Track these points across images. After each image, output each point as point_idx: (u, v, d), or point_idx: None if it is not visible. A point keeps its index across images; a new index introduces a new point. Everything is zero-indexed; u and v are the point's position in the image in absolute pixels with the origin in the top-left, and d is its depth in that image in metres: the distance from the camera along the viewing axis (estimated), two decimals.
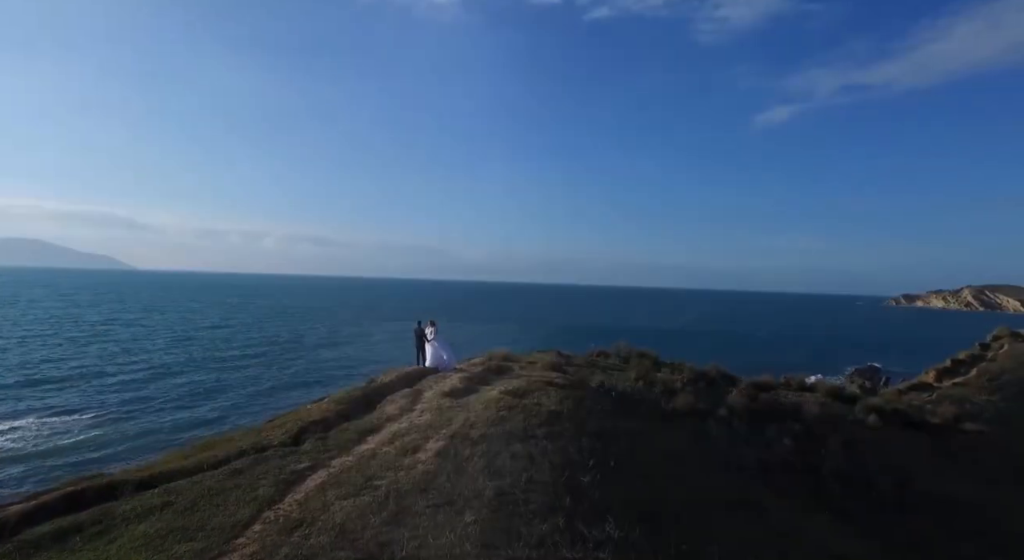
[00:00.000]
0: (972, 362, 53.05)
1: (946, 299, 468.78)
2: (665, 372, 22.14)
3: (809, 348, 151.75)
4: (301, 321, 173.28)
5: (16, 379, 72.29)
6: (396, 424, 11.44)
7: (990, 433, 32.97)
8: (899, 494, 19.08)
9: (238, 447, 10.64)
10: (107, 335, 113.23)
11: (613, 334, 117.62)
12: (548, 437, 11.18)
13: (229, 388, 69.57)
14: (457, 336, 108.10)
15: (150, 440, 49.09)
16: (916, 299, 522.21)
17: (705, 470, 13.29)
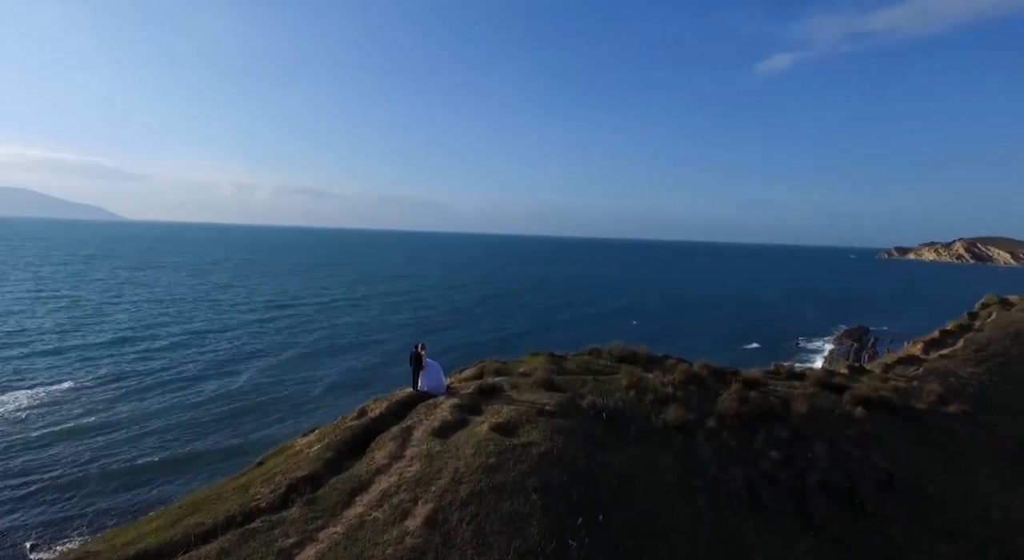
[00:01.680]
0: (960, 332, 53.71)
1: (938, 252, 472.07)
2: (656, 375, 22.22)
3: (803, 307, 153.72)
4: (311, 280, 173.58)
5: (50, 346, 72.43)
6: (385, 478, 11.45)
7: (972, 413, 33.62)
8: (880, 500, 19.57)
9: (225, 511, 10.65)
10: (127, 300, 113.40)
11: (620, 291, 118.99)
12: (537, 490, 11.25)
13: (256, 358, 69.92)
14: (469, 302, 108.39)
15: (186, 418, 49.71)
16: (908, 252, 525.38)
17: (691, 502, 13.50)
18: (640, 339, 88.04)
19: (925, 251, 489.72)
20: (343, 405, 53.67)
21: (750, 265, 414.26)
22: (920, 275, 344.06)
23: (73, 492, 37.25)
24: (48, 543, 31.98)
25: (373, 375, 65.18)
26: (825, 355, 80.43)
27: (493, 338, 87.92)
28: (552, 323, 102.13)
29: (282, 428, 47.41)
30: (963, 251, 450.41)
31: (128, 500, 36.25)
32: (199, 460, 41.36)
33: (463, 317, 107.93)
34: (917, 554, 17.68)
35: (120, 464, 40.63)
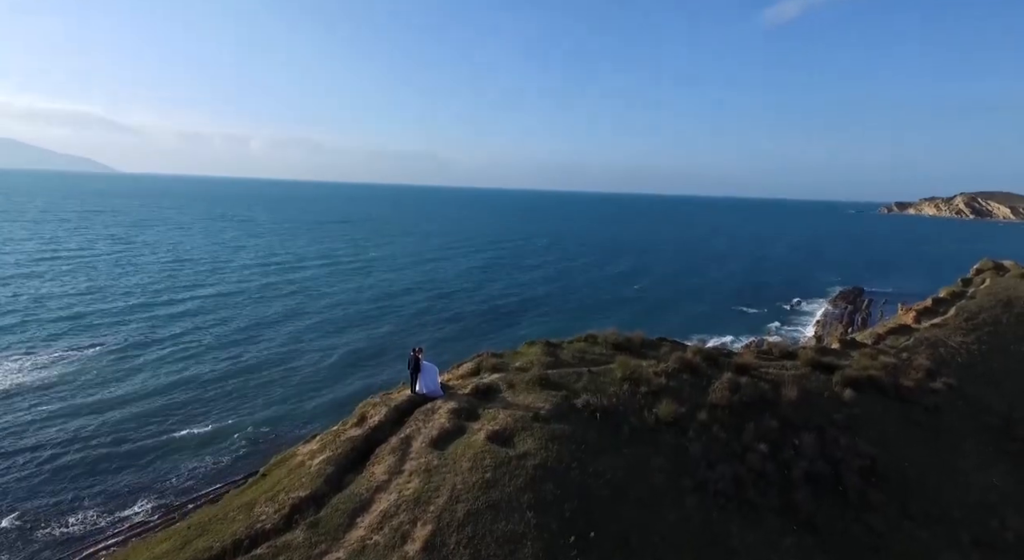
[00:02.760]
0: (952, 300, 54.22)
1: (938, 207, 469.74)
2: (650, 364, 22.63)
3: (800, 266, 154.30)
4: (317, 240, 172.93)
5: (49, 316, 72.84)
6: (385, 496, 11.89)
7: (958, 386, 34.37)
8: (863, 487, 20.33)
9: (232, 534, 11.12)
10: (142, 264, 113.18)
11: (622, 252, 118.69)
12: (532, 507, 11.73)
13: (270, 325, 70.06)
14: (477, 264, 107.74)
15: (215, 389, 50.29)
16: (908, 207, 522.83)
17: (680, 506, 14.08)
18: (642, 306, 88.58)
19: (925, 206, 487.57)
20: (357, 378, 54.18)
21: (750, 221, 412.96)
22: (918, 231, 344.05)
23: (77, 470, 38.32)
24: (48, 521, 33.15)
25: (386, 343, 64.79)
26: (819, 319, 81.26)
27: (503, 304, 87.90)
28: (557, 290, 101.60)
29: (295, 404, 47.71)
30: (963, 206, 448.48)
31: (132, 478, 37.34)
32: (210, 437, 42.20)
33: (473, 281, 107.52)
34: (895, 541, 18.53)
35: (130, 443, 41.57)
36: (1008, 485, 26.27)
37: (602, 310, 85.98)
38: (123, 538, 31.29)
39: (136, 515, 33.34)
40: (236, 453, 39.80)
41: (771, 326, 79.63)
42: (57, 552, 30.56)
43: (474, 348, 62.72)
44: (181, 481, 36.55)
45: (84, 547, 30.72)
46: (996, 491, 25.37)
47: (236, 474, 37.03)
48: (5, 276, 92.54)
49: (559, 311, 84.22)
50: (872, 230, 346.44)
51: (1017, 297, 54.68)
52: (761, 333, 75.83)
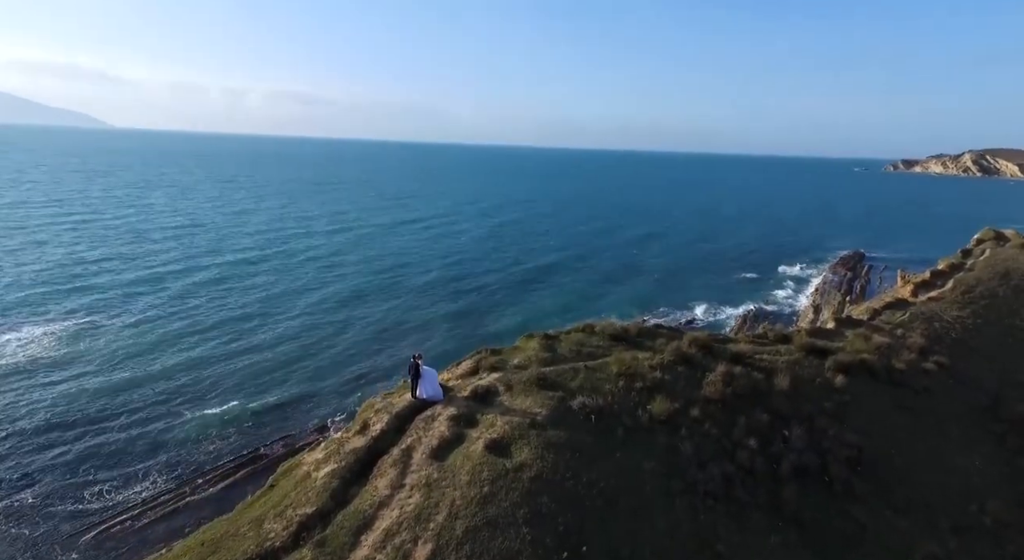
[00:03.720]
0: (951, 272, 54.53)
1: (945, 164, 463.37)
2: (646, 357, 23.11)
3: (802, 229, 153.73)
4: (324, 203, 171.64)
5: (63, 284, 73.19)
6: (387, 512, 12.49)
7: (950, 364, 35.02)
8: (849, 477, 21.09)
9: (244, 552, 11.76)
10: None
11: (627, 216, 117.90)
12: (527, 522, 12.34)
13: (286, 299, 70.19)
14: (487, 230, 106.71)
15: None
16: (915, 164, 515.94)
17: (670, 510, 14.77)
18: (643, 274, 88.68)
19: (932, 163, 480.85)
20: (367, 355, 54.16)
21: (755, 180, 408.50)
22: (923, 190, 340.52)
23: (89, 444, 39.44)
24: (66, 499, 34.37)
25: (398, 317, 64.10)
26: (817, 286, 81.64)
27: (515, 273, 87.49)
28: (568, 259, 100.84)
29: (302, 381, 48.04)
30: (971, 163, 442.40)
31: (143, 452, 38.46)
32: (219, 413, 43.07)
33: (483, 249, 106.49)
34: (876, 532, 19.38)
35: (139, 416, 42.57)
36: (990, 468, 27.11)
37: (607, 280, 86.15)
38: (137, 512, 32.61)
39: (148, 490, 34.62)
40: (244, 429, 40.89)
41: (771, 294, 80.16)
42: (75, 525, 31.90)
43: (484, 323, 63.39)
44: (190, 456, 37.74)
45: (100, 521, 32.05)
46: (978, 475, 26.22)
47: (244, 450, 38.22)
48: (11, 244, 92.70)
49: (568, 283, 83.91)
50: (876, 190, 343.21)
51: (1015, 268, 54.92)
52: (761, 301, 76.38)
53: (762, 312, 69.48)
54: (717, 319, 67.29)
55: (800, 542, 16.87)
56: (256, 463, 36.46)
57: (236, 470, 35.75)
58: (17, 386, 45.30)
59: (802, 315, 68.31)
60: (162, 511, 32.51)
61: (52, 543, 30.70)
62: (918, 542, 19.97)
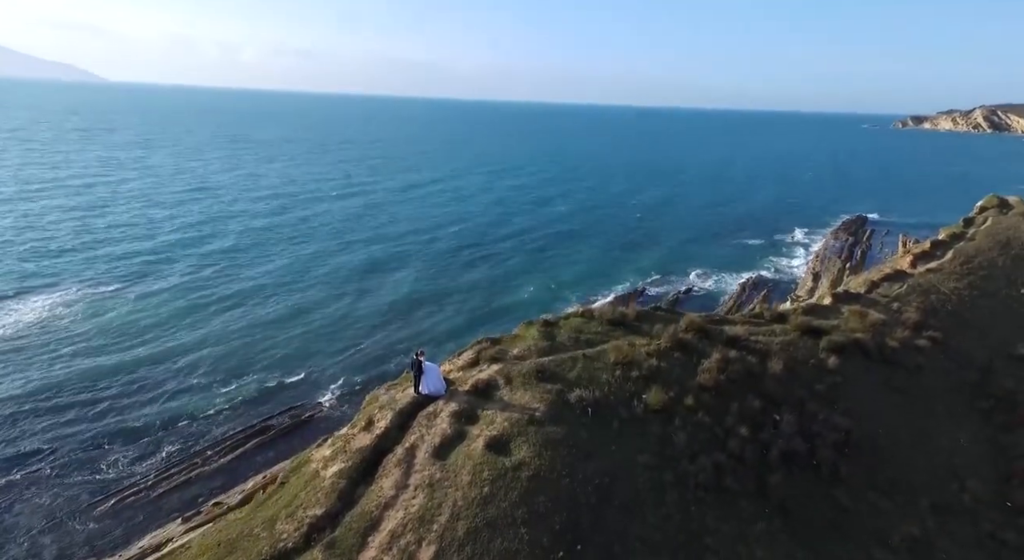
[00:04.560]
0: (951, 242, 54.73)
1: (955, 120, 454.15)
2: (643, 343, 23.63)
3: (806, 190, 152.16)
4: (330, 165, 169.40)
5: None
6: (393, 513, 13.22)
7: (943, 339, 35.67)
8: (836, 461, 21.93)
9: (259, 553, 12.53)
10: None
11: (632, 176, 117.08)
12: (525, 522, 13.09)
13: (301, 271, 69.80)
14: (497, 194, 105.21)
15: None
16: (924, 121, 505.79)
17: (661, 504, 15.57)
18: (645, 240, 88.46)
19: (942, 120, 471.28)
20: (378, 331, 54.05)
21: (760, 137, 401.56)
22: (931, 148, 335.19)
23: (102, 414, 40.59)
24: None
25: (410, 291, 64.10)
26: (818, 253, 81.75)
27: (527, 241, 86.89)
28: (573, 227, 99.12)
29: (310, 356, 48.44)
30: (981, 120, 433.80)
31: (155, 423, 39.60)
32: (230, 385, 43.89)
33: (493, 214, 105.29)
34: (858, 514, 20.33)
35: (151, 387, 43.58)
36: (974, 447, 28.03)
37: (611, 247, 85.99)
38: (151, 483, 33.95)
39: (161, 461, 35.91)
40: (252, 400, 42.04)
41: (772, 261, 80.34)
42: (93, 495, 33.29)
43: (493, 295, 63.48)
44: (201, 427, 38.97)
45: (117, 491, 33.42)
46: (961, 454, 27.14)
47: (252, 421, 39.39)
48: (23, 209, 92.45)
49: (574, 251, 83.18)
50: (884, 147, 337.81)
51: (1016, 238, 55.03)
52: (761, 268, 76.67)
53: (762, 280, 69.87)
54: (717, 288, 67.76)
55: (784, 528, 17.76)
56: (264, 434, 37.65)
57: (245, 441, 36.97)
58: (30, 357, 46.29)
59: (801, 283, 68.74)
60: (175, 481, 33.84)
61: (72, 512, 32.12)
62: (898, 523, 20.96)
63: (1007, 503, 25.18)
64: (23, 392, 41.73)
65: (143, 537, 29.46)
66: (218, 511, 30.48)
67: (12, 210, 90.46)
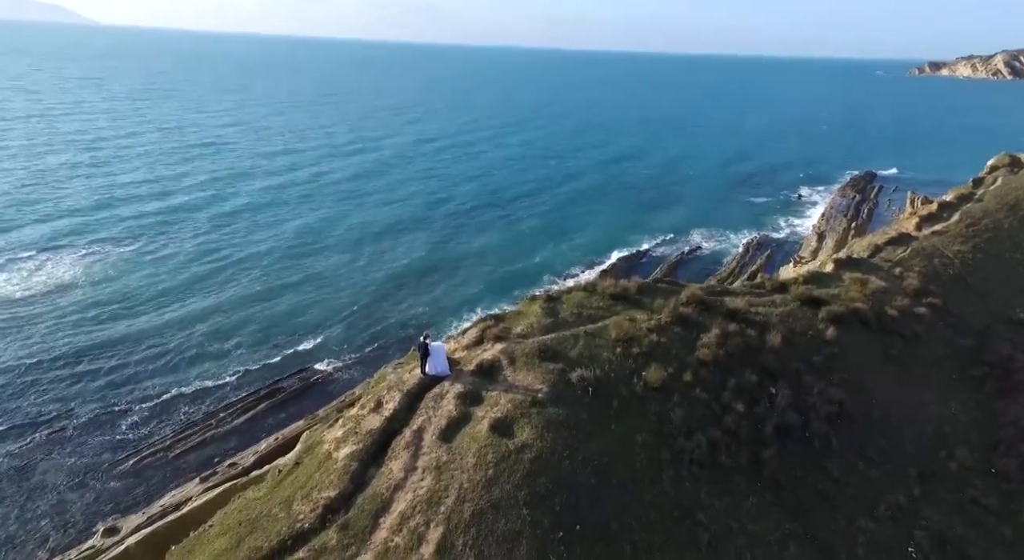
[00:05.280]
0: (959, 203, 54.44)
1: (975, 67, 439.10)
2: (644, 317, 24.06)
3: (816, 145, 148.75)
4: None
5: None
6: (402, 495, 13.98)
7: (943, 306, 36.08)
8: (828, 433, 22.68)
9: (277, 533, 13.35)
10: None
11: (641, 128, 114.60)
12: (527, 504, 13.86)
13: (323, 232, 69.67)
14: (507, 151, 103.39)
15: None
16: (942, 67, 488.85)
17: (657, 482, 16.36)
18: (650, 196, 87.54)
19: (961, 66, 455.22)
20: (391, 303, 53.99)
21: (775, 86, 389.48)
22: (948, 97, 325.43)
23: (119, 376, 41.72)
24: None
25: (426, 259, 63.64)
26: (824, 212, 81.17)
27: (543, 200, 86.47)
28: (586, 187, 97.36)
29: (323, 322, 48.98)
30: (1002, 66, 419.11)
31: (170, 386, 40.73)
32: (244, 348, 44.72)
33: (505, 173, 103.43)
34: (847, 485, 21.22)
35: (164, 350, 44.64)
36: (964, 415, 28.77)
37: (622, 206, 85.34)
38: (168, 443, 35.34)
39: (177, 422, 37.25)
40: (262, 363, 43.19)
41: (777, 220, 79.88)
42: (114, 455, 34.77)
43: (507, 259, 63.15)
44: (214, 389, 40.21)
45: (136, 451, 34.87)
46: (952, 422, 27.91)
47: (263, 383, 40.54)
48: (27, 165, 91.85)
49: (586, 213, 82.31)
50: (897, 97, 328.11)
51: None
52: (766, 227, 76.35)
53: (766, 240, 69.73)
54: (720, 248, 67.68)
55: (775, 501, 18.64)
56: (275, 396, 38.85)
57: (256, 403, 38.20)
58: (45, 319, 47.26)
59: (805, 244, 68.62)
60: (191, 442, 35.22)
61: (95, 471, 33.67)
62: (885, 492, 21.89)
63: (991, 469, 26.08)
64: (40, 354, 42.89)
65: (164, 495, 30.92)
66: (233, 472, 31.90)
67: (25, 166, 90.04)
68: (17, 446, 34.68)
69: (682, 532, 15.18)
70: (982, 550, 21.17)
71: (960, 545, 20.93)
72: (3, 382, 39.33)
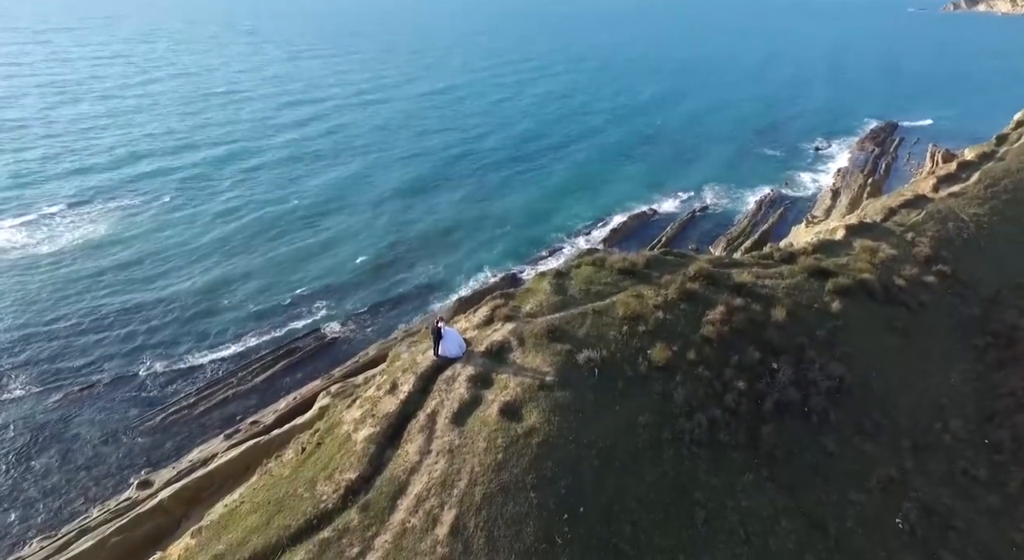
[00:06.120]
0: (980, 162, 53.47)
1: (1015, 2, 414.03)
2: (651, 292, 24.55)
3: (837, 90, 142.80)
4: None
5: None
6: (418, 478, 15.00)
7: (952, 273, 36.19)
8: (827, 409, 23.43)
9: (303, 513, 14.48)
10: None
11: (648, 73, 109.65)
12: (534, 487, 14.84)
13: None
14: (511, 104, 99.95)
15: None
16: (979, 2, 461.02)
17: (658, 462, 17.29)
18: (664, 151, 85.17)
19: (1000, 1, 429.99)
20: (408, 259, 54.19)
21: (798, 24, 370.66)
22: (984, 37, 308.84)
23: (139, 333, 43.16)
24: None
25: (451, 214, 63.57)
26: (840, 167, 79.49)
27: (559, 157, 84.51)
28: (608, 144, 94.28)
29: (338, 280, 49.69)
30: None
31: (190, 344, 42.14)
32: (260, 307, 45.80)
33: (526, 125, 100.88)
34: (841, 458, 22.12)
35: (182, 308, 45.86)
36: (963, 386, 29.34)
37: (627, 158, 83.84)
38: (192, 401, 37.02)
39: (200, 379, 38.89)
40: (279, 323, 44.52)
41: (792, 175, 78.34)
42: (141, 411, 36.57)
43: (525, 223, 62.30)
44: (234, 348, 41.74)
45: (162, 408, 36.63)
46: (950, 393, 28.53)
47: (280, 343, 41.91)
48: (47, 116, 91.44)
49: (604, 168, 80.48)
50: (929, 37, 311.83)
51: None
52: (781, 183, 75.17)
53: (780, 197, 68.80)
54: (732, 206, 66.77)
55: (770, 477, 19.60)
56: (292, 356, 40.24)
57: (275, 362, 39.63)
58: (72, 275, 48.57)
59: (819, 202, 67.67)
60: (214, 400, 36.89)
61: (126, 426, 35.58)
62: (877, 466, 22.81)
63: (985, 440, 26.84)
64: (66, 311, 44.41)
65: (191, 451, 32.79)
66: (255, 430, 33.58)
67: (40, 118, 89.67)
68: (53, 401, 36.58)
69: (680, 511, 16.20)
70: (967, 520, 22.12)
71: (946, 516, 21.89)
72: (35, 339, 41.03)
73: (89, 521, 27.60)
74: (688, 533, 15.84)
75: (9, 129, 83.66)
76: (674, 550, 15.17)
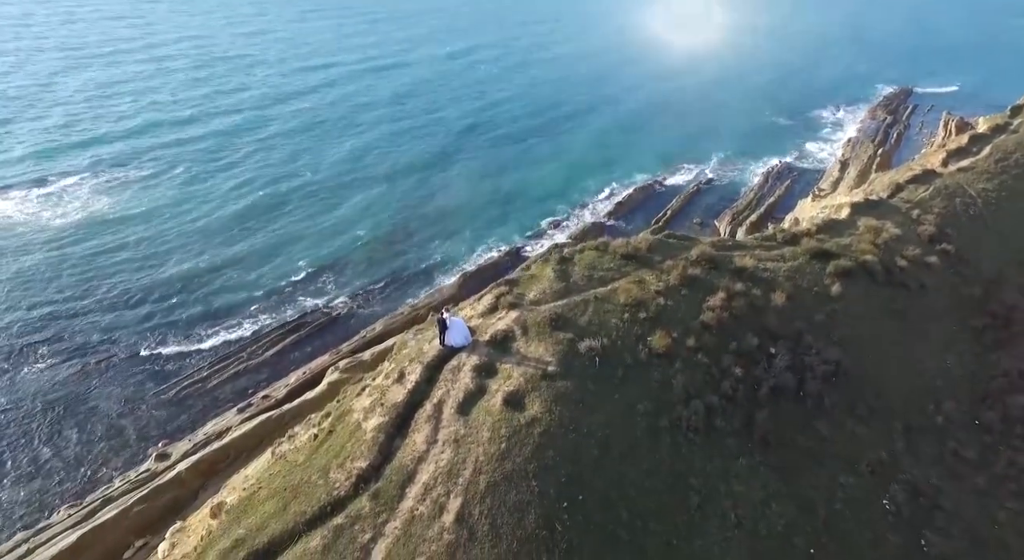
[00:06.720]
0: (992, 135, 52.89)
1: None
2: (653, 278, 24.92)
3: (852, 55, 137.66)
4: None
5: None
6: (425, 467, 15.76)
7: (955, 252, 36.30)
8: (821, 394, 24.04)
9: (318, 500, 15.32)
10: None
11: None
12: (536, 475, 15.60)
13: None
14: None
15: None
16: None
17: (655, 450, 18.02)
18: (672, 120, 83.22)
19: None
20: (417, 236, 54.10)
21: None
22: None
23: (150, 305, 43.98)
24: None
25: (468, 193, 62.67)
26: (851, 137, 78.26)
27: (563, 129, 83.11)
28: (624, 110, 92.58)
29: (344, 259, 49.80)
30: None
31: (202, 317, 42.93)
32: (269, 283, 46.29)
33: (535, 94, 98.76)
34: (834, 442, 22.84)
35: (196, 282, 46.52)
36: (959, 368, 29.83)
37: (635, 129, 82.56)
38: (205, 374, 38.08)
39: (213, 354, 39.88)
40: (287, 298, 45.27)
41: (801, 145, 77.15)
42: (157, 384, 37.69)
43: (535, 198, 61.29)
44: (244, 324, 42.59)
45: (176, 382, 37.72)
46: (945, 375, 29.05)
47: (288, 318, 42.70)
48: (57, 81, 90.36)
49: (616, 136, 79.90)
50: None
51: None
52: (789, 154, 74.21)
53: (787, 169, 68.02)
54: (740, 178, 66.13)
55: (763, 462, 20.36)
56: (300, 331, 41.09)
57: (284, 337, 40.51)
58: (84, 247, 49.23)
59: (827, 174, 66.92)
60: (226, 374, 37.93)
61: (141, 399, 36.76)
62: (868, 448, 23.54)
63: (976, 421, 27.49)
64: (80, 284, 45.22)
65: (206, 423, 33.96)
66: (267, 404, 34.64)
67: (46, 84, 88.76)
68: (71, 373, 37.71)
69: (675, 497, 17.00)
70: (954, 500, 22.91)
71: (934, 496, 22.67)
72: (51, 310, 41.96)
73: (112, 491, 28.94)
74: (682, 518, 16.67)
75: (12, 98, 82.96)
76: (668, 535, 16.01)
